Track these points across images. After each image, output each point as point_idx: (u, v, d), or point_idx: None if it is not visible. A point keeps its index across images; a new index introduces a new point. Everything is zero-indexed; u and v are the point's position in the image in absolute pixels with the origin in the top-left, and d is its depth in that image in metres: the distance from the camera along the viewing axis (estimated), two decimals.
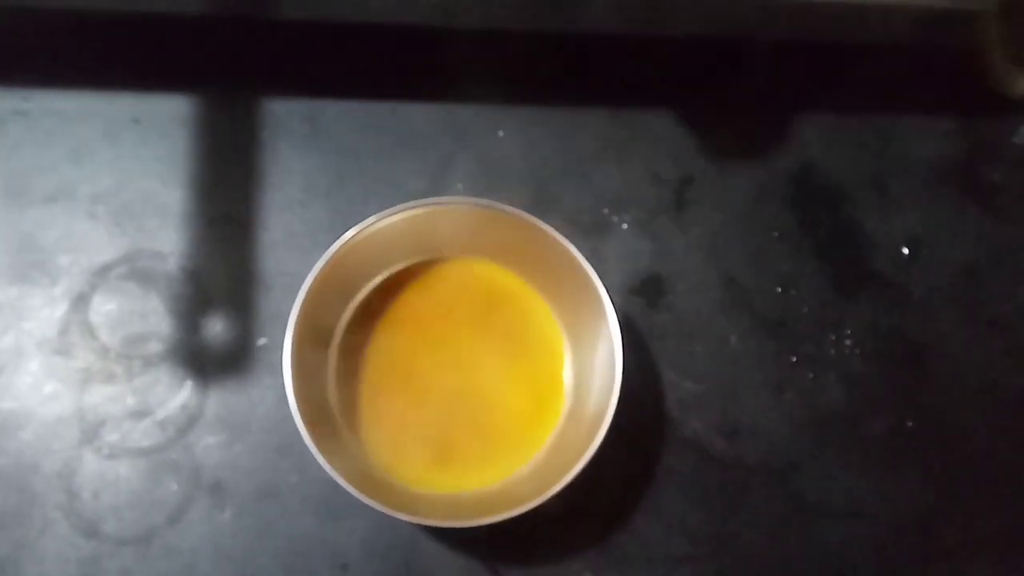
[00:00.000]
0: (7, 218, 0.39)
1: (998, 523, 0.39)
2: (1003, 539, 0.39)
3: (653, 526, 0.38)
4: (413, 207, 0.35)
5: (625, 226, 0.42)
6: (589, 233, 0.42)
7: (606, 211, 0.42)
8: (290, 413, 0.32)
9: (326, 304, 0.35)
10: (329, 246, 0.34)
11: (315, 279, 0.33)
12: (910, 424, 0.40)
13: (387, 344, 0.36)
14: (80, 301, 0.38)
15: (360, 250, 0.35)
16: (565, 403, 0.36)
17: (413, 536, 0.36)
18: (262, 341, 0.38)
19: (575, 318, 0.36)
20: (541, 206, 0.41)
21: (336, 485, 0.35)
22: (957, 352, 0.42)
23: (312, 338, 0.35)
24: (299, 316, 0.33)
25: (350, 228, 0.34)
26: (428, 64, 0.44)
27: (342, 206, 0.40)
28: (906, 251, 0.44)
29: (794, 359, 0.41)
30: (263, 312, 0.38)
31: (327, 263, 0.34)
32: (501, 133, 0.43)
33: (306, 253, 0.39)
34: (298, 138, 0.41)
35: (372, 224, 0.34)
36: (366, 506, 0.34)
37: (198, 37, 0.42)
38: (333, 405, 0.35)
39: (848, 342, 0.42)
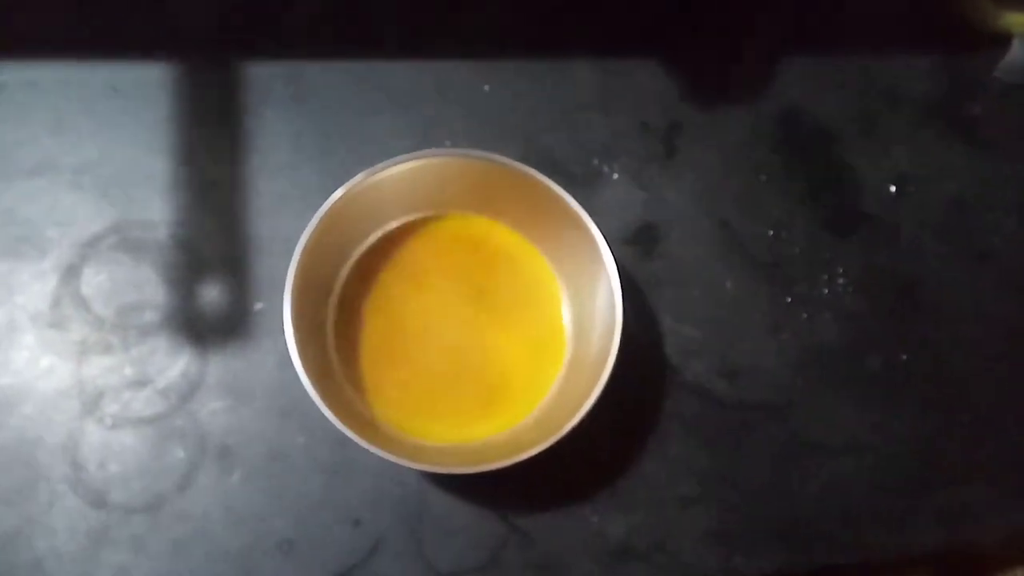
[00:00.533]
0: None
1: (994, 450, 0.40)
2: (1000, 466, 0.40)
3: (659, 469, 0.38)
4: (403, 160, 0.35)
5: (616, 176, 0.42)
6: (580, 184, 0.42)
7: (596, 161, 0.42)
8: (292, 375, 0.31)
9: (322, 264, 0.35)
10: (320, 206, 0.33)
11: (309, 239, 0.33)
12: (904, 358, 0.41)
13: (385, 301, 0.36)
14: (70, 273, 0.37)
15: (353, 208, 0.35)
16: (566, 351, 0.37)
17: (422, 488, 0.36)
18: (259, 305, 0.38)
19: (572, 267, 0.37)
20: (531, 159, 0.41)
21: (343, 443, 0.35)
22: (948, 286, 0.43)
23: (310, 298, 0.34)
24: (296, 277, 0.33)
25: (340, 187, 0.34)
26: (409, 20, 0.43)
27: (331, 167, 0.40)
28: (893, 189, 0.44)
29: (789, 300, 0.41)
30: (258, 276, 0.38)
31: (320, 222, 0.33)
32: (487, 87, 0.43)
33: (298, 215, 0.38)
34: (283, 100, 0.41)
35: (362, 180, 0.34)
36: (374, 462, 0.34)
37: (174, 1, 0.41)
38: (334, 364, 0.35)
39: (841, 281, 0.42)
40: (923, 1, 0.47)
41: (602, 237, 0.34)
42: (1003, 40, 0.47)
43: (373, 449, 0.31)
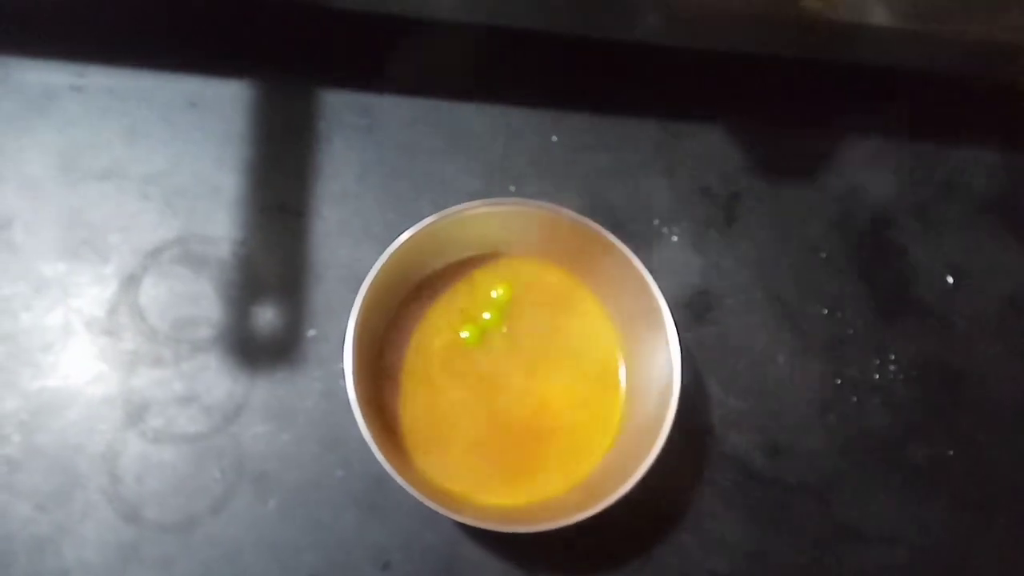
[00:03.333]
0: (58, 193, 0.38)
1: None
2: None
3: (693, 540, 0.37)
4: (477, 206, 0.35)
5: (675, 238, 0.42)
6: (639, 243, 0.41)
7: (656, 222, 0.42)
8: (336, 406, 0.31)
9: (380, 300, 0.35)
10: (381, 238, 0.34)
11: (377, 274, 0.33)
12: (950, 453, 0.41)
13: (432, 343, 0.36)
14: (130, 282, 0.37)
15: (417, 247, 0.35)
16: (622, 416, 0.36)
17: (455, 538, 0.36)
18: (311, 332, 0.37)
19: (631, 329, 0.36)
20: (593, 213, 0.41)
21: (381, 481, 0.34)
22: (998, 383, 0.42)
23: (367, 333, 0.34)
24: (361, 309, 0.32)
25: (402, 222, 0.34)
26: (485, 65, 0.43)
27: (395, 201, 0.40)
28: (950, 280, 0.44)
29: (839, 381, 0.41)
30: (314, 303, 0.38)
31: (389, 258, 0.33)
32: (555, 138, 0.43)
33: (358, 245, 0.39)
34: (354, 130, 0.41)
35: (434, 222, 0.34)
36: (410, 505, 0.33)
37: (258, 22, 0.42)
38: (381, 404, 0.35)
39: (892, 367, 0.42)
40: (992, 95, 0.47)
41: (665, 302, 0.34)
42: None
43: (413, 491, 0.31)
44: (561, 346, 0.37)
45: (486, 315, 0.36)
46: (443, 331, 0.36)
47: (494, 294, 0.37)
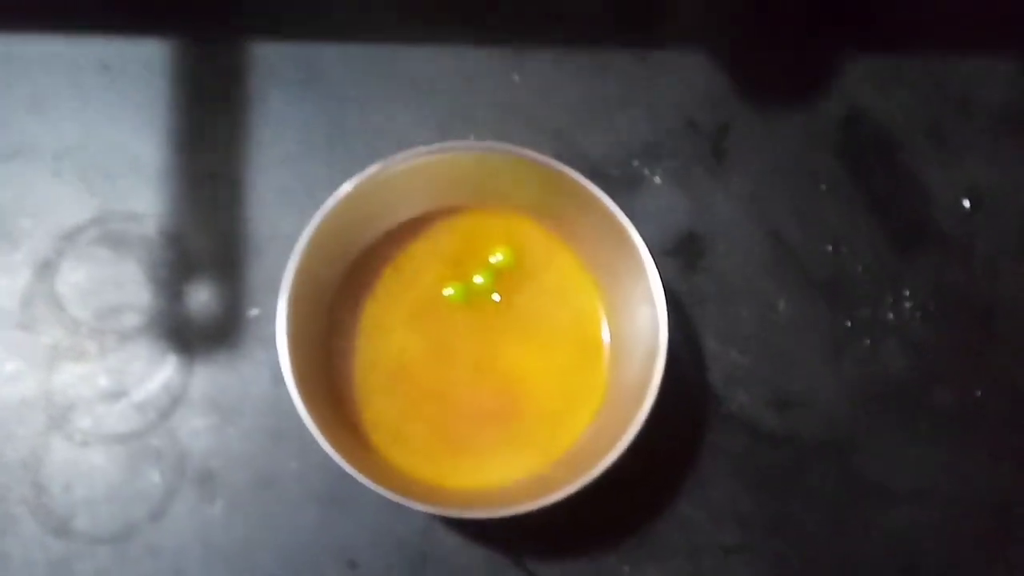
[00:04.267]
0: None
1: None
2: None
3: (699, 512, 0.33)
4: (422, 154, 0.30)
5: (657, 179, 0.38)
6: (618, 187, 0.37)
7: (636, 163, 0.38)
8: (287, 392, 0.27)
9: (324, 267, 0.31)
10: (325, 202, 0.29)
11: (311, 238, 0.29)
12: (979, 393, 0.36)
13: (392, 312, 0.32)
14: (45, 269, 0.33)
15: (362, 206, 0.31)
16: (606, 378, 0.32)
17: (428, 527, 0.32)
18: (254, 312, 0.34)
19: (610, 280, 0.32)
20: (564, 158, 0.37)
21: (341, 473, 0.31)
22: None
23: (309, 307, 0.30)
24: (294, 281, 0.29)
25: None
26: (433, 2, 0.39)
27: (342, 160, 0.36)
28: (967, 203, 0.39)
29: (849, 324, 0.37)
30: (255, 279, 0.34)
31: (324, 220, 0.29)
32: (516, 78, 0.39)
33: (302, 213, 0.34)
34: (291, 85, 0.37)
35: (375, 175, 0.30)
36: (375, 495, 0.30)
37: None
38: (334, 384, 0.31)
39: (908, 304, 0.37)
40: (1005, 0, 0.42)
41: (645, 248, 0.30)
42: None
43: (376, 488, 0.27)
44: (536, 307, 0.33)
45: (478, 279, 0.32)
46: (408, 297, 0.32)
47: (493, 259, 0.32)
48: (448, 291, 0.32)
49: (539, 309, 0.32)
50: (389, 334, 0.32)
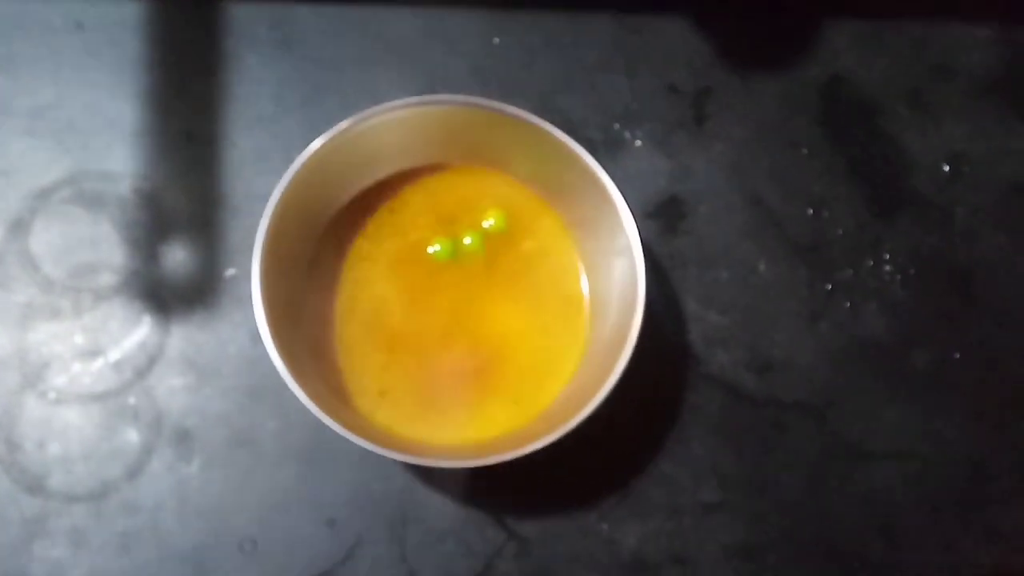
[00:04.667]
0: None
1: None
2: None
3: (679, 471, 0.33)
4: (397, 107, 0.30)
5: (638, 143, 0.38)
6: (599, 151, 0.37)
7: (617, 126, 0.38)
8: (265, 352, 0.27)
9: (299, 225, 0.31)
10: (297, 158, 0.29)
11: (284, 194, 0.29)
12: (957, 356, 0.37)
13: (371, 270, 0.32)
14: (18, 228, 0.33)
15: (336, 162, 0.30)
16: (585, 333, 0.32)
17: (408, 485, 0.32)
18: (230, 272, 0.33)
19: (589, 236, 0.32)
20: (544, 120, 0.37)
21: (319, 430, 0.30)
22: (1006, 277, 0.38)
23: (285, 265, 0.30)
24: (267, 238, 0.28)
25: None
26: None
27: (318, 120, 0.36)
28: (947, 168, 0.39)
29: (829, 287, 0.37)
30: (231, 239, 0.34)
31: (296, 175, 0.29)
32: (496, 40, 0.38)
33: (278, 173, 0.34)
34: (267, 45, 0.36)
35: (348, 129, 0.30)
36: (353, 454, 0.30)
37: None
38: (312, 341, 0.31)
39: (887, 268, 0.38)
40: None
41: (624, 203, 0.30)
42: None
43: (353, 438, 0.27)
44: (517, 264, 0.32)
45: (467, 240, 0.32)
46: (390, 255, 0.32)
47: (486, 223, 0.32)
48: (434, 248, 0.32)
49: (520, 265, 0.32)
50: (369, 291, 0.32)
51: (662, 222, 0.37)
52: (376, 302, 0.31)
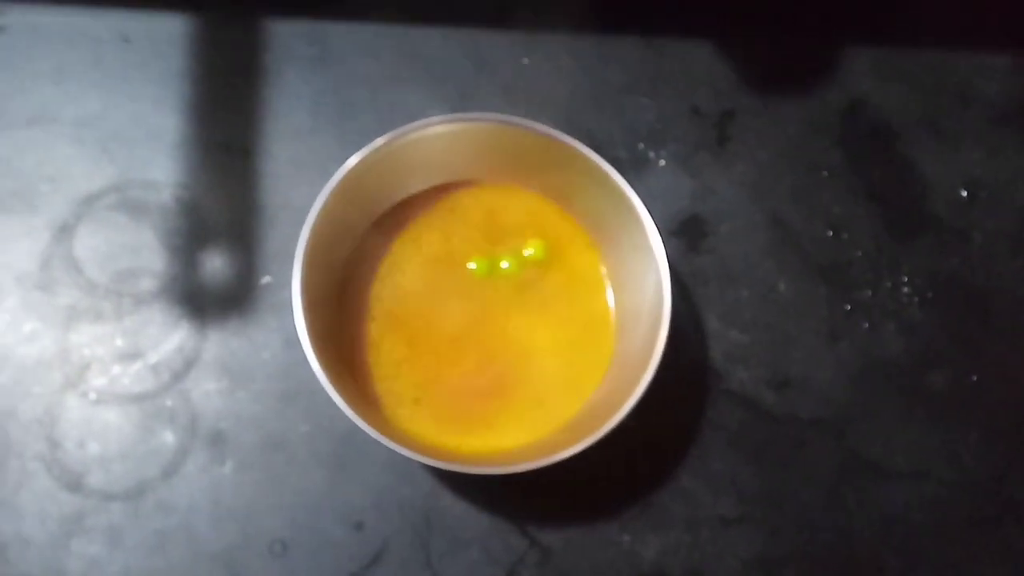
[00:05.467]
0: None
1: None
2: None
3: (699, 485, 0.34)
4: (430, 124, 0.31)
5: (663, 162, 0.39)
6: (624, 169, 0.38)
7: (642, 146, 0.39)
8: (297, 357, 0.28)
9: (336, 236, 0.31)
10: (336, 172, 0.30)
11: (323, 206, 0.30)
12: (974, 377, 0.37)
13: (403, 281, 0.33)
14: (63, 232, 0.34)
15: (372, 176, 0.31)
16: (613, 347, 0.33)
17: (434, 491, 0.32)
18: (266, 279, 0.34)
19: (616, 252, 0.33)
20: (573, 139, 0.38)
21: (349, 436, 0.31)
22: (1023, 300, 0.38)
23: (321, 274, 0.31)
24: (307, 248, 0.29)
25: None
26: None
27: (352, 135, 0.37)
28: (964, 193, 0.40)
29: (848, 307, 0.37)
30: (267, 248, 0.34)
31: (336, 189, 0.30)
32: (526, 61, 0.39)
33: (313, 184, 0.35)
34: (304, 61, 0.38)
35: (384, 145, 0.31)
36: (383, 458, 0.30)
37: None
38: (345, 349, 0.32)
39: (906, 289, 0.38)
40: None
41: (651, 222, 0.31)
42: None
43: (384, 440, 0.27)
44: (544, 279, 0.33)
45: (504, 264, 0.33)
46: (422, 267, 0.33)
47: (527, 252, 0.33)
48: (472, 264, 0.33)
49: (548, 280, 0.33)
50: (401, 302, 0.32)
51: (685, 240, 0.38)
52: (408, 311, 0.32)
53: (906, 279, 0.38)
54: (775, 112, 0.40)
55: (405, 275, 0.33)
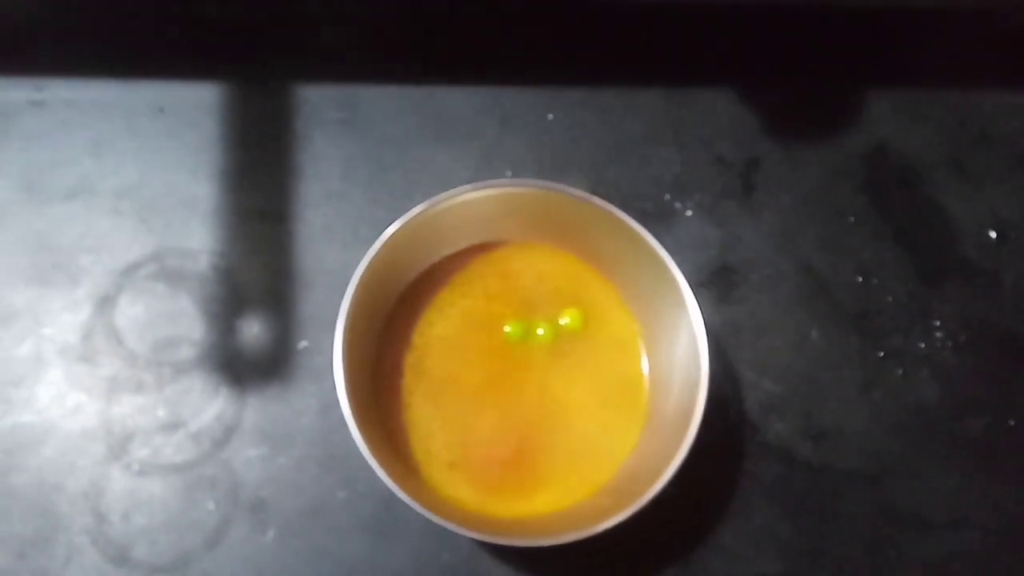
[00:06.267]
0: (24, 216, 0.36)
1: None
2: None
3: (739, 540, 0.34)
4: (466, 192, 0.32)
5: (689, 212, 0.39)
6: (651, 221, 0.38)
7: (668, 197, 0.39)
8: (334, 422, 0.29)
9: (372, 300, 0.32)
10: (371, 239, 0.31)
11: (363, 274, 0.30)
12: (1012, 423, 0.37)
13: (438, 342, 0.33)
14: (105, 304, 0.35)
15: (408, 241, 0.32)
16: (647, 408, 0.33)
17: (474, 555, 0.32)
18: (303, 344, 0.35)
19: (648, 311, 0.33)
20: (598, 192, 0.38)
21: (388, 501, 0.31)
22: None
23: (359, 339, 0.31)
24: (348, 315, 0.30)
25: (393, 220, 0.31)
26: (468, 44, 0.41)
27: (383, 197, 0.37)
28: (993, 235, 0.40)
29: (881, 354, 0.37)
30: (303, 313, 0.35)
31: (376, 256, 0.30)
32: (550, 116, 0.40)
33: (347, 248, 0.36)
34: (334, 125, 0.38)
35: (421, 212, 0.31)
36: (423, 524, 0.30)
37: (224, 19, 0.39)
38: (382, 413, 0.32)
39: (939, 334, 0.38)
40: (1018, 35, 0.43)
41: (685, 281, 0.31)
42: None
43: (424, 512, 0.28)
44: (578, 340, 0.33)
45: (540, 331, 0.33)
46: (456, 328, 0.33)
47: (563, 321, 0.33)
48: (507, 329, 0.33)
49: (581, 341, 0.33)
50: (436, 364, 0.33)
51: (715, 291, 0.38)
52: (442, 373, 0.33)
53: (938, 323, 0.38)
54: (799, 158, 0.40)
55: (440, 337, 0.33)
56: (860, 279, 0.39)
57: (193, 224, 0.36)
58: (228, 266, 0.35)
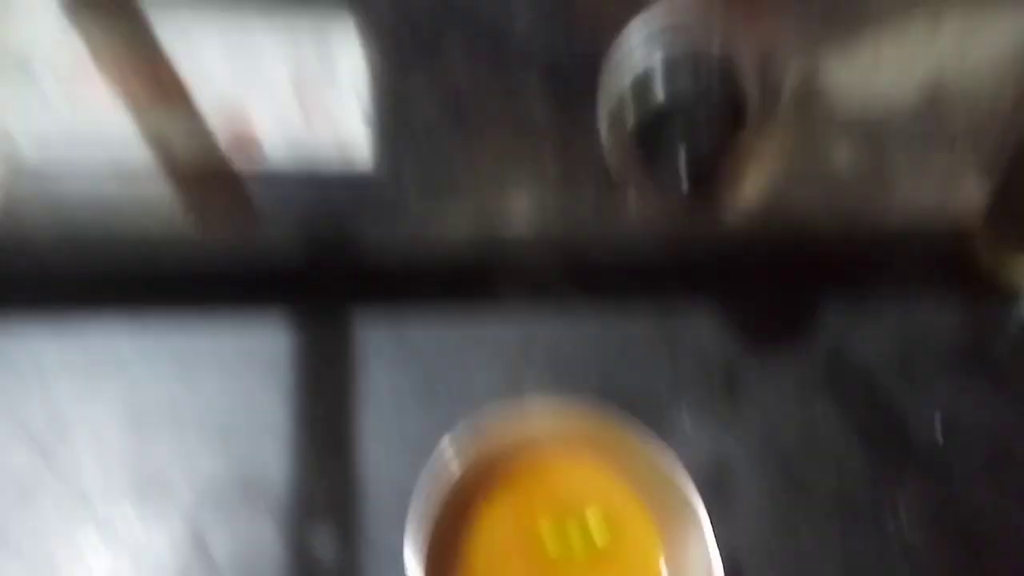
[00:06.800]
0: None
1: None
2: None
3: None
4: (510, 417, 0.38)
5: (685, 419, 0.45)
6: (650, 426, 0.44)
7: (664, 401, 0.45)
8: None
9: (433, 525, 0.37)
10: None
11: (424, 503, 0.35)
12: None
13: (479, 562, 0.37)
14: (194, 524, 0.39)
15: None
16: None
17: None
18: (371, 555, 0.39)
19: (668, 525, 0.38)
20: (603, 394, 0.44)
21: None
22: (1007, 530, 0.44)
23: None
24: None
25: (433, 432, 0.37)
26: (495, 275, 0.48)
27: (433, 415, 0.43)
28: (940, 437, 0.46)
29: (861, 545, 0.42)
30: (369, 526, 0.40)
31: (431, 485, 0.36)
32: (563, 328, 0.47)
33: (404, 465, 0.40)
34: (386, 356, 0.45)
35: (472, 438, 0.37)
36: None
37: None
38: None
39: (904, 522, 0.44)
40: (947, 248, 0.50)
41: (697, 496, 0.37)
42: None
43: None
44: (608, 547, 0.38)
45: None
46: (497, 540, 0.38)
47: (598, 540, 0.38)
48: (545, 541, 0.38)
49: (614, 552, 0.39)
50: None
51: (711, 489, 0.42)
52: None
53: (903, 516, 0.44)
54: (771, 366, 0.47)
55: (481, 553, 0.37)
56: (833, 475, 0.44)
57: (267, 445, 0.41)
58: (302, 485, 0.41)
